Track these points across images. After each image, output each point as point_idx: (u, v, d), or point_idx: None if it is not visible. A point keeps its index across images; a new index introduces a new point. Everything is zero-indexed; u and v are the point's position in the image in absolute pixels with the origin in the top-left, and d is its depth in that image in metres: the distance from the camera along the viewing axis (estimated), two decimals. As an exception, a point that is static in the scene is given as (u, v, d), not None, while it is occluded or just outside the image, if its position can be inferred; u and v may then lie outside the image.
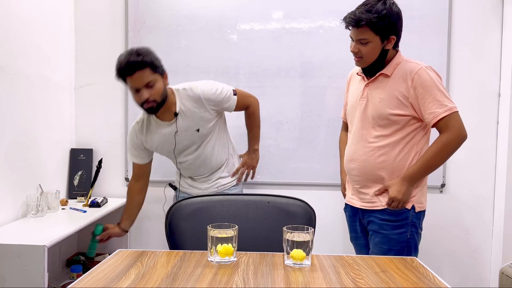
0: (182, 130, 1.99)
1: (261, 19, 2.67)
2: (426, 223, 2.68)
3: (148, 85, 1.83)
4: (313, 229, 1.23)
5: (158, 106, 1.90)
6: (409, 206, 1.77)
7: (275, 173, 2.73)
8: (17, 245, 1.79)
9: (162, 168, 2.52)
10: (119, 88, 2.76)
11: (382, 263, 1.28)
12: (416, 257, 1.75)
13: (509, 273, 2.13)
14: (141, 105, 1.88)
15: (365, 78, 1.81)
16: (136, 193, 2.18)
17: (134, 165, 2.15)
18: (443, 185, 2.68)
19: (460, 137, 1.70)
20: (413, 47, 2.63)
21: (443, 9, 2.61)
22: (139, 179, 2.18)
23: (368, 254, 1.87)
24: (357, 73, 1.88)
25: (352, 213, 1.91)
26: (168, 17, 2.72)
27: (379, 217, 1.78)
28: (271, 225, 1.47)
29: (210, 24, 2.69)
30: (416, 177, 1.74)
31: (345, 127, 2.06)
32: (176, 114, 1.96)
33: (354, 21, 1.67)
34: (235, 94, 2.04)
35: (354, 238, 1.95)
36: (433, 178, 2.65)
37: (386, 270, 1.22)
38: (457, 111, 1.70)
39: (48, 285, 1.90)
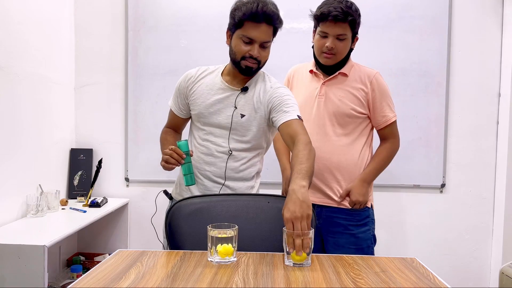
0: (237, 108, 1.69)
1: (261, 19, 2.67)
2: (426, 223, 2.70)
3: (263, 45, 1.63)
4: (313, 229, 1.23)
5: (255, 71, 1.68)
6: (369, 205, 1.86)
7: (275, 173, 2.72)
8: (17, 245, 1.79)
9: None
10: (119, 88, 2.77)
11: (382, 263, 1.28)
12: (374, 248, 1.84)
13: (509, 273, 2.13)
14: (241, 59, 1.62)
15: (322, 76, 1.85)
16: (172, 133, 1.87)
17: (170, 112, 1.86)
18: (443, 185, 2.68)
19: (398, 146, 1.90)
20: (413, 47, 2.63)
21: (443, 9, 2.61)
22: (171, 128, 1.89)
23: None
24: (310, 71, 1.90)
25: None
26: (168, 17, 2.72)
27: (344, 217, 1.81)
28: (271, 225, 1.47)
29: (210, 24, 2.69)
30: (372, 178, 1.85)
31: None
32: (245, 89, 1.69)
33: (342, 15, 1.70)
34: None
35: None
36: (433, 178, 2.66)
37: (386, 270, 1.22)
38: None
39: (48, 285, 1.90)
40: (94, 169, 2.68)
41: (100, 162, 2.67)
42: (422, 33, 2.62)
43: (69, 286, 1.08)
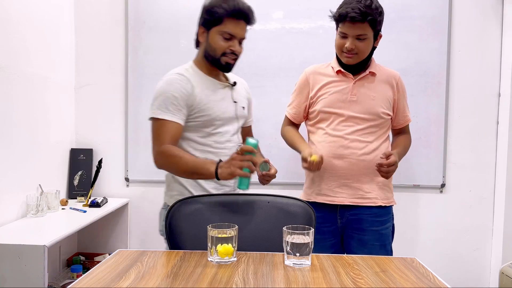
0: (237, 102, 1.77)
1: (261, 19, 2.65)
2: (426, 223, 2.71)
3: (240, 41, 1.68)
4: (312, 229, 1.23)
5: (232, 67, 1.71)
6: (394, 203, 1.89)
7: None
8: (17, 245, 1.79)
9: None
10: (119, 88, 2.76)
11: (382, 263, 1.28)
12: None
13: (509, 273, 2.13)
14: (221, 55, 1.65)
15: (351, 76, 1.81)
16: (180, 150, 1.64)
17: (169, 125, 1.60)
18: (443, 185, 2.68)
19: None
20: (413, 47, 2.63)
21: (443, 9, 2.61)
22: (174, 144, 1.62)
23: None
24: (337, 71, 1.81)
25: (327, 212, 1.82)
26: (168, 18, 2.72)
27: (369, 213, 1.80)
28: (271, 225, 1.47)
29: (210, 24, 2.68)
30: (400, 158, 1.85)
31: (289, 123, 1.99)
32: (235, 83, 1.76)
33: (360, 16, 1.65)
34: None
35: (318, 240, 1.76)
36: (433, 178, 2.67)
37: (386, 270, 1.22)
38: None
39: (48, 285, 1.90)
40: (94, 169, 2.68)
41: (100, 162, 2.67)
42: (422, 33, 2.62)
43: (69, 286, 1.08)
